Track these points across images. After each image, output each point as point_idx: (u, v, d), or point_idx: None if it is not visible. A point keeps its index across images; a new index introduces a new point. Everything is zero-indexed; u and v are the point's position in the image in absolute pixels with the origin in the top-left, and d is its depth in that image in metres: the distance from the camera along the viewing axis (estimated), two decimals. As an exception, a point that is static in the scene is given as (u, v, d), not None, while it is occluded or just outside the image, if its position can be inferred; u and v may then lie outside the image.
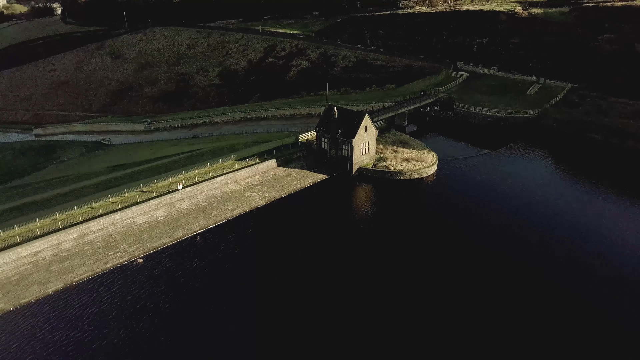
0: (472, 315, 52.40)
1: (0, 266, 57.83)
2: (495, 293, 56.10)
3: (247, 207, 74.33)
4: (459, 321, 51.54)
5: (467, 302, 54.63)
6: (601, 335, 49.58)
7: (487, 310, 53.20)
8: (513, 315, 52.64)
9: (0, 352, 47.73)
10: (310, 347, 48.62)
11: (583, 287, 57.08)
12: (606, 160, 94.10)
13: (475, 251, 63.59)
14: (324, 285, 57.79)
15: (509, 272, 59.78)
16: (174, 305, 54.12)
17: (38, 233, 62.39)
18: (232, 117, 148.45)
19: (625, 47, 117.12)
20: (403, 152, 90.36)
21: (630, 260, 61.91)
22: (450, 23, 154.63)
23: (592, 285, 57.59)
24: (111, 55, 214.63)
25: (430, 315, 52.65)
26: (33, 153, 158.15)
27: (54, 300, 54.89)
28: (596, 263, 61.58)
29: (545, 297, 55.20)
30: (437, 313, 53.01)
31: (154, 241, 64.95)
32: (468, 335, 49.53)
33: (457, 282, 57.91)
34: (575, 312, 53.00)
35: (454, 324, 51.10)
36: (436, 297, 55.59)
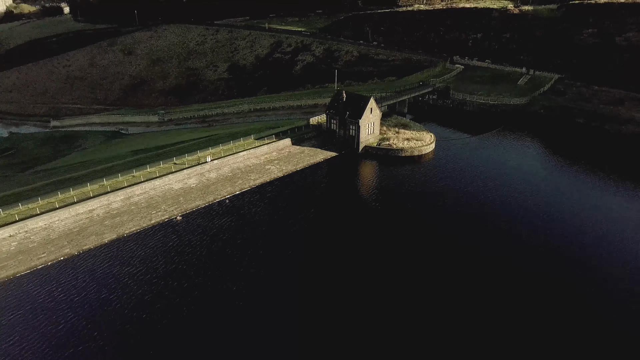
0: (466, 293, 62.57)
1: (63, 220, 67.84)
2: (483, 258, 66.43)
3: (267, 177, 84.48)
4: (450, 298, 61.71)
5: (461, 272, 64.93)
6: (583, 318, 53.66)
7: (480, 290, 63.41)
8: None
9: (69, 286, 57.58)
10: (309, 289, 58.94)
11: (552, 250, 67.41)
12: (586, 140, 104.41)
13: (469, 215, 73.83)
14: (331, 240, 68.11)
15: (498, 232, 70.13)
16: (207, 251, 64.15)
17: (91, 194, 72.42)
18: (241, 108, 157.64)
19: (607, 40, 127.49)
20: (404, 133, 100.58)
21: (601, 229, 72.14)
22: (447, 20, 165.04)
23: (559, 246, 67.91)
24: (123, 52, 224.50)
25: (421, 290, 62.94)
26: (55, 142, 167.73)
27: (109, 247, 64.88)
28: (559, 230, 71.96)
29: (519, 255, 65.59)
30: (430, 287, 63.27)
31: (189, 203, 75.05)
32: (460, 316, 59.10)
33: (451, 249, 68.12)
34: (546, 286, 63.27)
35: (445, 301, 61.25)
36: (432, 268, 65.87)
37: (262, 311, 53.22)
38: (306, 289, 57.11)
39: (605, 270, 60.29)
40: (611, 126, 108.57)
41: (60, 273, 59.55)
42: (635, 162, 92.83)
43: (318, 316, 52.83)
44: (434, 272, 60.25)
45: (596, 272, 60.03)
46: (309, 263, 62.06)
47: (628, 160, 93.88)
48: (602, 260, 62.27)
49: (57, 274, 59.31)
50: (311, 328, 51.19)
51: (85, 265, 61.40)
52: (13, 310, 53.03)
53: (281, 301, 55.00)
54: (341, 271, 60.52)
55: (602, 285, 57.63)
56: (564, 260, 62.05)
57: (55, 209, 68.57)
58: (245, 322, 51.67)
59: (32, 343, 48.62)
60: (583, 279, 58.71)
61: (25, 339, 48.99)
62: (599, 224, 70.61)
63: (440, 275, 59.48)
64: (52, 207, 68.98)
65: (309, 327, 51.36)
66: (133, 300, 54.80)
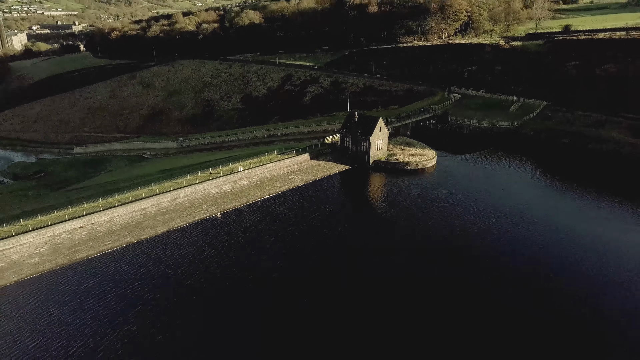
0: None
1: (122, 215, 79.70)
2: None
3: (291, 185, 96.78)
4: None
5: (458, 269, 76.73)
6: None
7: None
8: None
9: (132, 264, 68.99)
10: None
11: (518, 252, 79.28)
12: (571, 157, 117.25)
13: (466, 219, 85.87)
14: (345, 234, 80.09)
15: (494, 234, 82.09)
16: (244, 239, 76.10)
17: (143, 196, 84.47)
18: (256, 135, 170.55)
19: (588, 71, 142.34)
20: (409, 149, 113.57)
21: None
22: (444, 54, 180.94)
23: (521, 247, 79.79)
24: (142, 84, 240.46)
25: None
26: (81, 165, 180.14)
27: (162, 237, 76.56)
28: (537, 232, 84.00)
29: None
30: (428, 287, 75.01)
31: (226, 204, 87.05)
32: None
33: (452, 247, 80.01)
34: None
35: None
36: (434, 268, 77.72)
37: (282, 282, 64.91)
38: (318, 276, 68.85)
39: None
40: (593, 145, 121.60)
41: (124, 256, 71.19)
42: (614, 175, 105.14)
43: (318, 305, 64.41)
44: (439, 271, 72.03)
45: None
46: (325, 251, 73.93)
47: (607, 174, 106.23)
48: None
49: (122, 256, 70.91)
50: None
51: (143, 250, 73.06)
52: (90, 281, 64.54)
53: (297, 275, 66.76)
54: (345, 263, 72.31)
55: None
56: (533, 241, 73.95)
57: (114, 206, 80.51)
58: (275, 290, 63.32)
59: (111, 301, 60.10)
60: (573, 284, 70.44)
61: (104, 299, 60.42)
62: (575, 227, 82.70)
63: (445, 276, 71.23)
64: (111, 205, 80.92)
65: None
66: (185, 274, 66.54)
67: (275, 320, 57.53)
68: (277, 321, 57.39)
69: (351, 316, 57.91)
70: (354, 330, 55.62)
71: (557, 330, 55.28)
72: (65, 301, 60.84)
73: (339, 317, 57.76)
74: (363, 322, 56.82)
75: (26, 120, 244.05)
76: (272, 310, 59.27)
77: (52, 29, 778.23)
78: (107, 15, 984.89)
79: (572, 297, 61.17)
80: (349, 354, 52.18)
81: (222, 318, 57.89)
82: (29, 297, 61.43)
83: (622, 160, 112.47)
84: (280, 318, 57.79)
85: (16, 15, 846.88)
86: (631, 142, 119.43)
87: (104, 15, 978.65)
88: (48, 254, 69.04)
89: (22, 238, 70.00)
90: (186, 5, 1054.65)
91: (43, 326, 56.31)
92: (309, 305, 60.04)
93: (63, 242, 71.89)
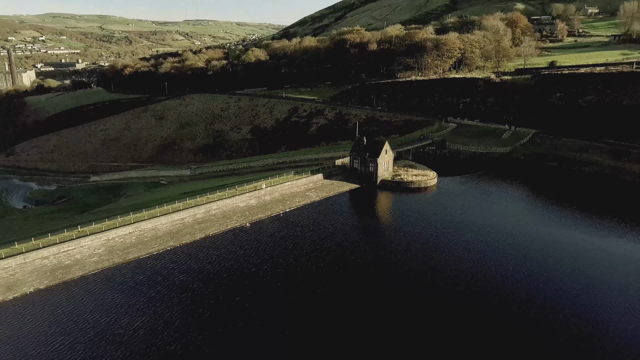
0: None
1: (164, 224, 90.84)
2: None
3: (308, 200, 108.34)
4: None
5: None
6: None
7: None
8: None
9: (175, 265, 79.73)
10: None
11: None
12: (558, 178, 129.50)
13: (464, 225, 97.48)
14: (356, 240, 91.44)
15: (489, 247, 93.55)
16: (272, 243, 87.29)
17: (181, 208, 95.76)
18: (266, 162, 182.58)
19: (572, 102, 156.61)
20: (412, 171, 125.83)
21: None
22: (440, 87, 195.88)
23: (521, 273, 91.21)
24: (155, 117, 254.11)
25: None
26: (101, 191, 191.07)
27: (200, 241, 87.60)
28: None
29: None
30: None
31: (253, 216, 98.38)
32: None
33: (453, 260, 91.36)
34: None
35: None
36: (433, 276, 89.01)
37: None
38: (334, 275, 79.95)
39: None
40: (578, 167, 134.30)
41: (169, 256, 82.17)
42: (595, 194, 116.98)
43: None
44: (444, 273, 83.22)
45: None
46: (338, 253, 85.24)
47: (590, 193, 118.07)
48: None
49: (167, 256, 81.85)
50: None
51: (184, 252, 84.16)
52: (141, 276, 75.31)
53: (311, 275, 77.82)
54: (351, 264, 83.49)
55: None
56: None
57: (157, 216, 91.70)
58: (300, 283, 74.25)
59: (162, 289, 70.97)
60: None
61: (155, 288, 71.30)
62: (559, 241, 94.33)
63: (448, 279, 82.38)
64: (154, 215, 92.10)
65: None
66: (221, 269, 77.95)
67: (296, 302, 68.27)
68: (298, 303, 68.14)
69: (352, 312, 68.71)
70: (354, 326, 66.42)
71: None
72: (123, 289, 71.68)
73: (344, 308, 68.61)
74: (365, 318, 67.67)
75: (43, 151, 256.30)
76: (294, 293, 70.06)
77: (57, 67, 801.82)
78: (109, 54, 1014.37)
79: (557, 295, 72.12)
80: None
81: (253, 299, 68.70)
82: (94, 287, 72.08)
83: (604, 180, 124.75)
84: (302, 300, 68.55)
85: (20, 54, 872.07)
86: (611, 164, 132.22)
87: (105, 54, 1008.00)
88: (105, 254, 79.82)
89: (82, 241, 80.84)
90: (185, 44, 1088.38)
91: (110, 307, 67.03)
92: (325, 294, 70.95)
93: (117, 245, 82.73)
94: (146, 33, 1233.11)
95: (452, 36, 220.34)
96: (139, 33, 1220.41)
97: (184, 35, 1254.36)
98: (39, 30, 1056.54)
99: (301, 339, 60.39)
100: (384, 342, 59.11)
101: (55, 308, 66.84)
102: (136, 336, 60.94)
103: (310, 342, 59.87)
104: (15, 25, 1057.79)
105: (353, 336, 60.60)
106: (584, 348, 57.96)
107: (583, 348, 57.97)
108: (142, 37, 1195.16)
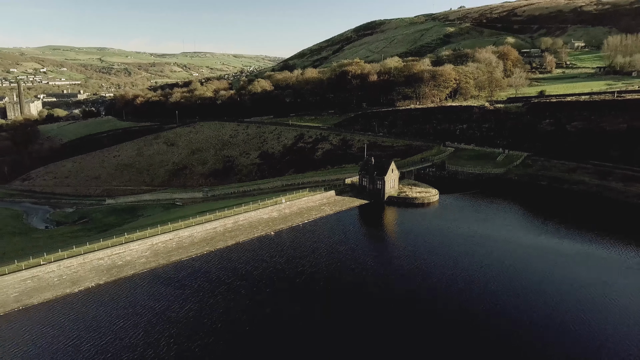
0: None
1: (199, 232, 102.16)
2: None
3: (323, 213, 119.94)
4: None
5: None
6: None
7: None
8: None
9: (212, 265, 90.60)
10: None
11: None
12: (548, 196, 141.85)
13: (464, 237, 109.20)
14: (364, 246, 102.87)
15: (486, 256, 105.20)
16: (292, 249, 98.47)
17: (212, 219, 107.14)
18: (275, 184, 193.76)
19: (560, 127, 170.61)
20: (416, 188, 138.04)
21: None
22: (438, 115, 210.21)
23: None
24: (166, 143, 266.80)
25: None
26: (119, 212, 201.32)
27: (232, 247, 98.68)
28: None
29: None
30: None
31: (276, 226, 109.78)
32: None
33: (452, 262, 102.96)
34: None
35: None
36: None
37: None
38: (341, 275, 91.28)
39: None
40: (567, 186, 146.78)
41: (206, 258, 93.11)
42: (582, 210, 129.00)
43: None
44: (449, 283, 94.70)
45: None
46: (351, 255, 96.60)
47: (576, 208, 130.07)
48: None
49: (204, 259, 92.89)
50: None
51: (218, 255, 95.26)
52: (184, 273, 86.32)
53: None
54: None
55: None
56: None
57: (192, 225, 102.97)
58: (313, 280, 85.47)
59: (202, 284, 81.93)
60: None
61: (197, 282, 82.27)
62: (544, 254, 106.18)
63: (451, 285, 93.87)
64: (190, 224, 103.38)
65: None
66: (251, 268, 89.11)
67: (310, 295, 79.29)
68: (310, 295, 79.18)
69: (354, 308, 79.80)
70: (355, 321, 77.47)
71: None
72: (170, 283, 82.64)
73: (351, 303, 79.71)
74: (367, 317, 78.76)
75: (58, 176, 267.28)
76: (316, 286, 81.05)
77: (59, 97, 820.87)
78: (109, 85, 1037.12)
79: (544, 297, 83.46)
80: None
81: (280, 291, 79.64)
82: (146, 282, 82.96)
83: (590, 197, 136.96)
84: (314, 295, 79.56)
85: (23, 85, 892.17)
86: (597, 183, 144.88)
87: (105, 85, 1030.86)
88: (151, 257, 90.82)
89: (131, 245, 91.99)
90: (183, 75, 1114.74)
91: (161, 296, 77.97)
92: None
93: (160, 249, 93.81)
94: (145, 65, 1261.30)
95: (447, 68, 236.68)
96: (138, 65, 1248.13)
97: (182, 66, 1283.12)
98: (40, 62, 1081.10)
99: (323, 320, 71.42)
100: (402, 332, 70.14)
101: (114, 298, 77.56)
102: (187, 317, 71.71)
103: (334, 322, 70.78)
104: (17, 58, 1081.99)
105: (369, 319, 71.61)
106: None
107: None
108: (141, 68, 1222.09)
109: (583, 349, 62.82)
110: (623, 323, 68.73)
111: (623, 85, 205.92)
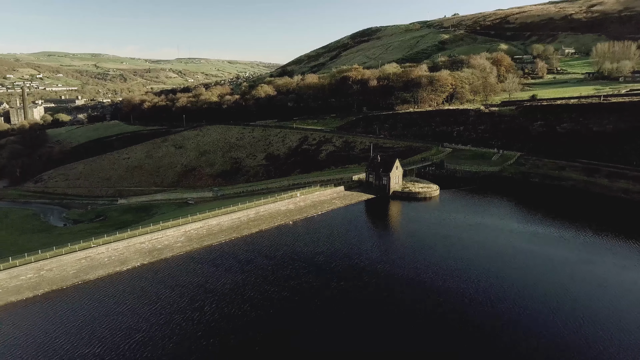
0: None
1: (226, 221, 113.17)
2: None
3: (334, 206, 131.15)
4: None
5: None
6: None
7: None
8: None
9: (239, 249, 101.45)
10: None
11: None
12: (540, 192, 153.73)
13: (462, 227, 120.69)
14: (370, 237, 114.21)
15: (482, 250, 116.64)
16: (308, 234, 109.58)
17: (236, 209, 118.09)
18: (282, 184, 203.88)
19: (550, 128, 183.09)
20: (418, 184, 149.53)
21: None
22: (436, 118, 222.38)
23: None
24: (175, 146, 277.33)
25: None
26: (134, 211, 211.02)
27: (255, 234, 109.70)
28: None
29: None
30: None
31: (293, 217, 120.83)
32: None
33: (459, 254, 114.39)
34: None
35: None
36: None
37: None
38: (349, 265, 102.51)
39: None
40: (557, 183, 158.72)
41: (234, 243, 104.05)
42: (571, 204, 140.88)
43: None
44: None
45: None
46: (359, 243, 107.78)
47: (566, 203, 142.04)
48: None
49: (232, 243, 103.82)
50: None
51: (243, 241, 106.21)
52: (215, 254, 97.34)
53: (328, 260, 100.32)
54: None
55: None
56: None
57: (219, 215, 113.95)
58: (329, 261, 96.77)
59: (233, 264, 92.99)
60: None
61: (228, 262, 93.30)
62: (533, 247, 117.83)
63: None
64: (217, 214, 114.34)
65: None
66: (273, 251, 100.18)
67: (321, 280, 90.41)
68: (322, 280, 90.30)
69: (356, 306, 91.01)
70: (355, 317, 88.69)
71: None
72: (205, 263, 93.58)
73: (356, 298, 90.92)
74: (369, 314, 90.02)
75: (70, 178, 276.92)
76: (332, 263, 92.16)
77: (57, 103, 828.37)
78: (105, 90, 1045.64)
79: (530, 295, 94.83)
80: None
81: (302, 268, 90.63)
82: (184, 262, 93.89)
83: (578, 193, 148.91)
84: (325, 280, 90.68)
85: (19, 91, 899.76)
86: (585, 180, 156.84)
87: (102, 90, 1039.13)
88: (186, 242, 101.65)
89: (168, 232, 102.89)
90: (178, 81, 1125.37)
91: (199, 273, 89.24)
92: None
93: (193, 235, 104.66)
94: (140, 71, 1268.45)
95: (444, 73, 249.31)
96: (133, 71, 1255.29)
97: (177, 72, 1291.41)
98: (36, 68, 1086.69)
99: (334, 295, 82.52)
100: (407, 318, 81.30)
101: (158, 274, 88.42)
102: (224, 289, 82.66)
103: (343, 299, 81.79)
104: (12, 64, 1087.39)
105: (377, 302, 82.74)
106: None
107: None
108: (137, 74, 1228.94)
109: (555, 310, 74.32)
110: (591, 283, 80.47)
111: (610, 90, 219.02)
